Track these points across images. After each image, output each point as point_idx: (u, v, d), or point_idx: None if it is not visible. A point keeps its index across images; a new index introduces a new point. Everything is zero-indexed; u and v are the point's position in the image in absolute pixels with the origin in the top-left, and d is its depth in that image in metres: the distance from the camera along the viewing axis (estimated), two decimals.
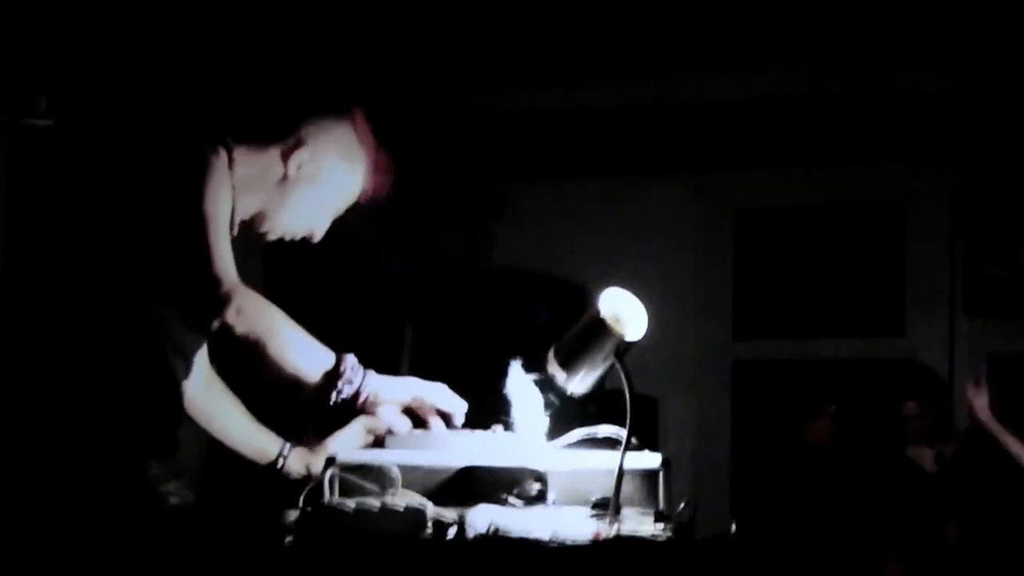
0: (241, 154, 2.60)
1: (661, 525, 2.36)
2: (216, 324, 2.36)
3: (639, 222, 6.47)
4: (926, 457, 5.23)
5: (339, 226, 2.75)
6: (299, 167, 2.64)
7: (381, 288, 6.01)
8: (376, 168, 2.72)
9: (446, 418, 2.55)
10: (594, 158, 6.34)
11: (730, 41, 5.62)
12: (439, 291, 6.28)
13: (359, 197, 2.74)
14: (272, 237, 2.70)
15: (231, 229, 2.58)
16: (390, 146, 2.74)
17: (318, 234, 2.72)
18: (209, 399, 2.77)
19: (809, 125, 6.08)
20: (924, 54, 5.65)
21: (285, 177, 2.65)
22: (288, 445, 2.80)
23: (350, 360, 2.45)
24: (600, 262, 6.17)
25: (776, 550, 5.20)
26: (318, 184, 2.67)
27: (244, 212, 2.63)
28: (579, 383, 2.54)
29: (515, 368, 2.61)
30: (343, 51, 5.08)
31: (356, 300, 5.75)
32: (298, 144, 2.64)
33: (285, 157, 2.64)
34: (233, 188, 2.55)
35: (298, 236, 2.72)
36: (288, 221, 2.68)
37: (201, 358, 2.70)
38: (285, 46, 4.95)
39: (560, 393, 2.58)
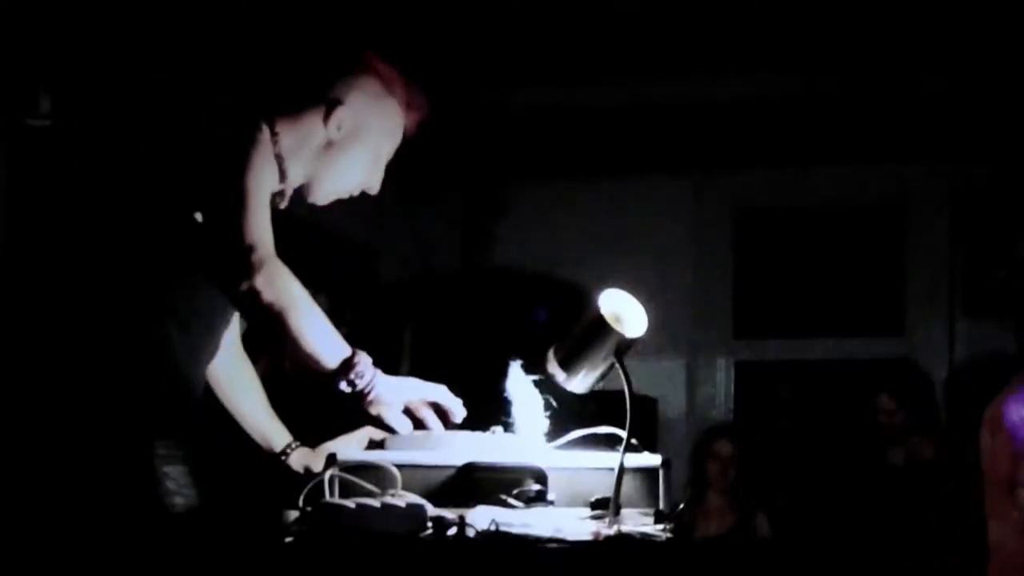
0: (283, 126, 2.61)
1: (661, 525, 2.37)
2: (244, 287, 2.37)
3: (639, 222, 6.47)
4: (902, 456, 5.29)
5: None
6: (339, 128, 2.66)
7: (381, 288, 6.02)
8: (410, 104, 2.74)
9: (444, 415, 2.55)
10: (594, 158, 6.34)
11: (730, 41, 5.62)
12: (439, 291, 6.29)
13: (403, 135, 2.76)
14: (323, 202, 2.72)
15: (281, 200, 2.60)
16: (416, 77, 2.76)
17: (375, 187, 2.74)
18: (232, 377, 2.78)
19: (809, 125, 6.08)
20: (924, 54, 5.65)
21: (329, 142, 2.66)
22: (295, 442, 2.81)
23: (364, 356, 2.46)
24: (600, 262, 6.17)
25: (776, 551, 5.21)
26: (362, 140, 2.69)
27: (295, 181, 2.65)
28: (579, 383, 2.55)
29: (515, 368, 2.61)
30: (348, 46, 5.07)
31: (356, 300, 5.76)
32: (335, 104, 2.66)
33: (326, 119, 2.65)
34: (281, 158, 2.57)
35: (356, 193, 2.73)
36: (343, 182, 2.71)
37: (231, 336, 2.70)
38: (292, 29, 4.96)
39: (560, 393, 2.58)
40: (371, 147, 2.71)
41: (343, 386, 2.42)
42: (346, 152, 2.68)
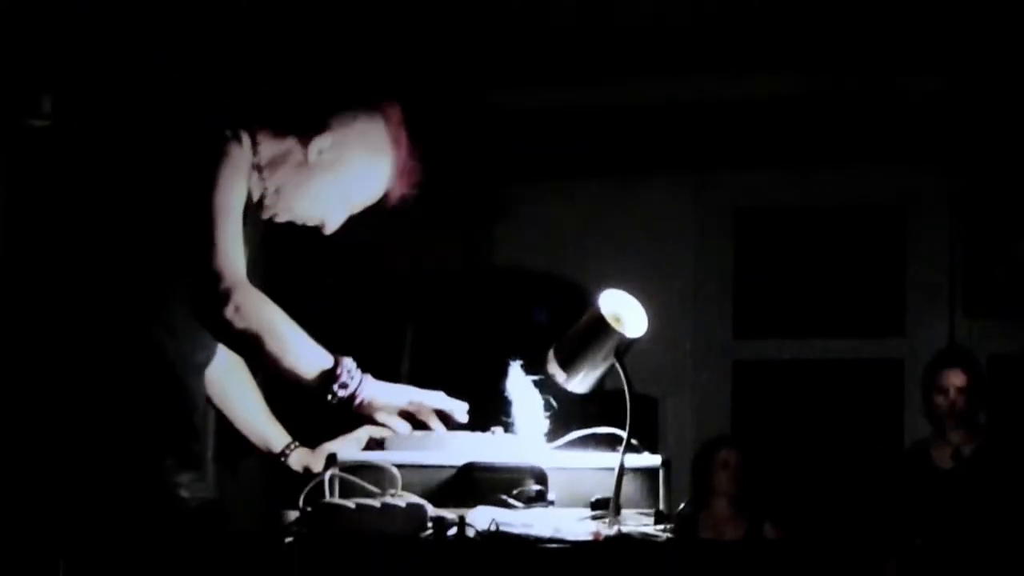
0: (265, 137, 2.59)
1: (661, 525, 2.37)
2: (216, 317, 2.36)
3: (639, 222, 6.47)
4: (945, 454, 5.17)
5: (344, 225, 2.74)
6: (319, 152, 2.62)
7: (381, 288, 6.01)
8: (405, 172, 2.69)
9: (446, 418, 2.55)
10: (594, 158, 6.34)
11: (730, 41, 5.62)
12: (439, 291, 6.28)
13: (383, 198, 2.71)
14: (280, 219, 2.67)
15: (258, 211, 2.58)
16: (423, 152, 2.72)
17: (330, 226, 2.69)
18: (228, 382, 2.78)
19: (809, 125, 6.08)
20: (924, 55, 5.65)
21: (305, 161, 2.63)
22: (294, 443, 2.80)
23: (347, 363, 2.45)
24: (600, 262, 6.18)
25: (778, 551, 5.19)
26: (338, 174, 2.64)
27: (271, 190, 2.62)
28: (579, 383, 2.55)
29: (515, 369, 2.61)
30: (355, 48, 5.08)
31: (357, 300, 5.76)
32: (322, 128, 2.62)
33: (305, 143, 2.62)
34: (258, 169, 2.55)
35: (309, 223, 2.70)
36: (301, 207, 2.65)
37: None
38: (305, 37, 4.95)
39: (560, 393, 2.58)
40: (343, 186, 2.65)
41: (328, 397, 2.43)
42: (317, 178, 2.63)
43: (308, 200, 2.65)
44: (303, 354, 2.43)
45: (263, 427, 2.81)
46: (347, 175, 2.65)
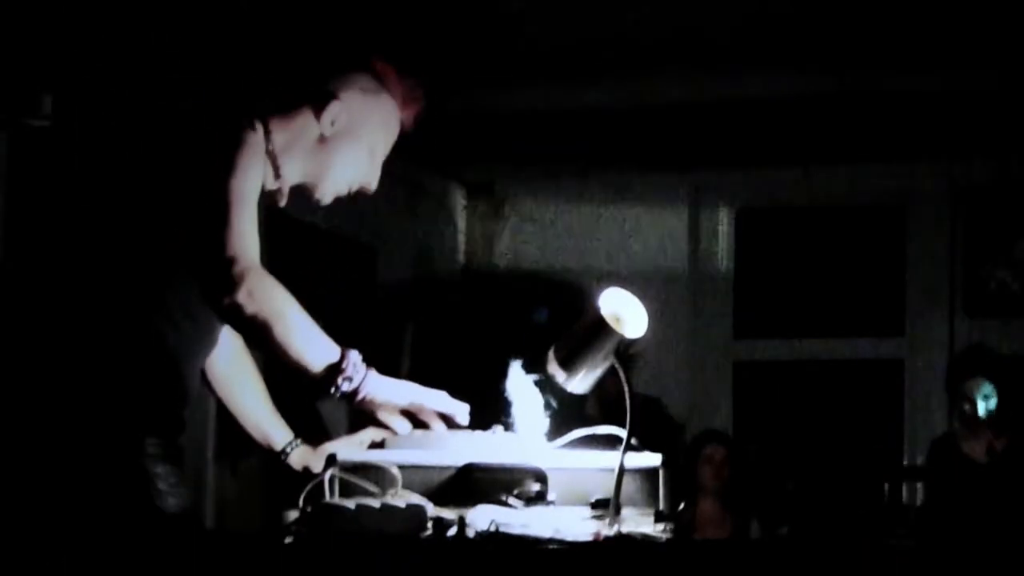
0: (276, 123, 2.60)
1: (661, 525, 2.37)
2: (227, 301, 2.36)
3: (639, 222, 6.47)
4: (978, 449, 5.17)
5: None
6: (333, 123, 2.64)
7: (381, 288, 6.02)
8: (406, 98, 2.72)
9: (448, 420, 2.54)
10: (594, 158, 6.34)
11: (730, 41, 5.61)
12: (439, 291, 6.29)
13: (400, 131, 2.74)
14: (327, 200, 2.69)
15: (280, 198, 2.59)
16: (412, 73, 2.75)
17: (372, 184, 2.72)
18: (233, 374, 2.77)
19: (809, 125, 6.08)
20: (924, 54, 5.64)
21: (322, 138, 2.65)
22: (296, 441, 2.80)
23: (353, 356, 2.45)
24: (600, 262, 6.19)
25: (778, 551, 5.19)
26: (357, 136, 2.66)
27: (292, 179, 2.64)
28: (579, 383, 2.54)
29: (515, 368, 2.61)
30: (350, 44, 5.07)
31: (357, 300, 5.76)
32: (328, 99, 2.64)
33: (318, 114, 2.64)
34: (275, 155, 2.55)
35: (354, 190, 2.72)
36: (338, 180, 2.68)
37: (230, 332, 2.69)
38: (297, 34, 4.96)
39: (560, 393, 2.58)
40: (366, 143, 2.68)
41: (331, 391, 2.42)
42: (341, 148, 2.65)
43: (343, 170, 2.67)
44: (310, 344, 2.42)
45: (266, 423, 2.81)
46: (364, 132, 2.67)
